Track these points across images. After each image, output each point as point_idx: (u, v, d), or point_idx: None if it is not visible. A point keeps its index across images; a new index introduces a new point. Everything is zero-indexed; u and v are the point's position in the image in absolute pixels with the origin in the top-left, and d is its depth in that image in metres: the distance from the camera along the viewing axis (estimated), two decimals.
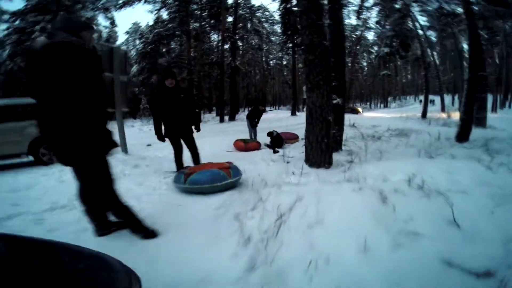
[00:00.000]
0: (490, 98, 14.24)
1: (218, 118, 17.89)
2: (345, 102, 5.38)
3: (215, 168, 2.99)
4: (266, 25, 29.22)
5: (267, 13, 28.55)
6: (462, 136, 6.47)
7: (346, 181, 2.22)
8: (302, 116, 18.62)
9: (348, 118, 7.97)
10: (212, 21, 20.05)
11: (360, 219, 1.66)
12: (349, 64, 28.88)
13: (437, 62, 23.23)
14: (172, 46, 23.37)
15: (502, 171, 2.78)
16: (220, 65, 17.63)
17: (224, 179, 2.88)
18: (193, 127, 3.81)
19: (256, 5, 27.63)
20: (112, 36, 28.87)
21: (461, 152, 4.33)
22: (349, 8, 20.32)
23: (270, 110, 32.61)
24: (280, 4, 17.29)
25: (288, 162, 3.93)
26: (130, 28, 33.78)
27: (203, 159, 4.12)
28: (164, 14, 20.61)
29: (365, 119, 13.50)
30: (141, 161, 4.70)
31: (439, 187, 2.05)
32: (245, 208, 2.20)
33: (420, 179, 2.08)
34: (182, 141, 3.79)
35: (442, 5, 18.80)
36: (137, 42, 29.05)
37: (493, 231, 1.70)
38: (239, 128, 10.77)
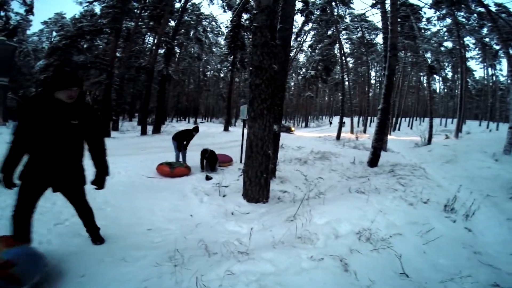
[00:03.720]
0: None
1: (139, 128, 16.04)
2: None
3: None
4: (210, 35, 28.65)
5: (214, 23, 28.16)
6: (373, 162, 7.42)
7: (299, 240, 2.01)
8: (235, 132, 18.47)
9: (282, 137, 7.93)
10: (151, 23, 18.35)
11: None
12: None
13: (350, 87, 27.19)
14: (96, 44, 20.47)
15: (420, 207, 3.13)
16: (149, 70, 15.99)
17: None
18: (87, 179, 2.15)
19: (205, 13, 26.86)
20: (21, 25, 23.36)
21: (380, 182, 4.81)
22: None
23: (202, 123, 31.63)
24: (233, 16, 17.22)
25: (224, 196, 3.53)
26: (50, 18, 28.30)
27: (115, 188, 3.26)
28: (97, 8, 18.10)
29: (291, 139, 14.34)
30: None
31: (381, 234, 2.18)
32: None
33: (365, 228, 2.20)
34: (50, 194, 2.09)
35: (364, 35, 22.62)
36: (54, 34, 24.47)
37: (430, 272, 1.98)
38: (164, 144, 8.43)
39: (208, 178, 4.95)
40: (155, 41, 17.87)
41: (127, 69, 19.05)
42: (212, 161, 5.75)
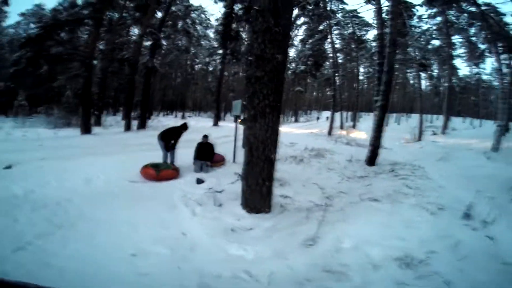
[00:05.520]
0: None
1: (124, 123, 15.12)
2: None
3: None
4: (199, 27, 27.72)
5: (203, 15, 27.27)
6: (372, 161, 7.15)
7: (329, 275, 1.62)
8: (225, 127, 17.84)
9: None
10: (136, 14, 17.26)
11: None
12: None
13: (340, 82, 26.99)
14: (77, 36, 19.21)
15: (440, 215, 2.84)
16: (133, 63, 15.09)
17: None
18: None
19: (194, 4, 25.93)
20: None
21: (384, 184, 4.55)
22: None
23: (189, 117, 30.74)
24: (227, 4, 16.44)
25: (220, 205, 3.09)
26: (28, 9, 26.58)
27: (91, 196, 2.79)
28: None
29: (282, 135, 13.86)
30: None
31: (417, 254, 2.00)
32: None
33: (406, 255, 1.89)
34: None
35: (355, 31, 22.52)
36: (32, 26, 23.00)
37: None
38: (150, 140, 7.32)
39: (199, 181, 4.46)
40: (140, 32, 16.93)
41: (110, 61, 18.04)
42: (205, 155, 5.45)
